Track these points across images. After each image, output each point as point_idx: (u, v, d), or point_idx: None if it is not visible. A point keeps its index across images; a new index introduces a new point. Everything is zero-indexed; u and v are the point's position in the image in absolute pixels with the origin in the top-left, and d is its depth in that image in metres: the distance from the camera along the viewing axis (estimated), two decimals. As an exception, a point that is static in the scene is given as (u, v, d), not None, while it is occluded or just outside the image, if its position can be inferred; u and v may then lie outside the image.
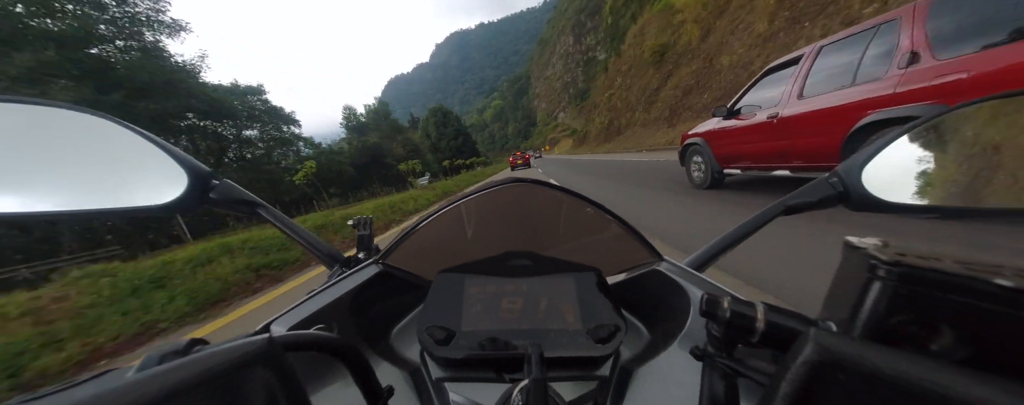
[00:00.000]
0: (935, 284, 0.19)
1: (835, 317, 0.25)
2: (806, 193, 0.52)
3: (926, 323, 0.20)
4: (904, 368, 0.15)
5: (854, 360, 0.16)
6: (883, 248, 0.23)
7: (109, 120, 0.46)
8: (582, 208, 0.53)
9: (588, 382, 0.38)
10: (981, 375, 0.14)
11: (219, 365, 0.17)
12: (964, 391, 0.14)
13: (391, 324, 0.52)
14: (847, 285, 0.24)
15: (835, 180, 0.51)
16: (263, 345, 0.19)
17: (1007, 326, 0.17)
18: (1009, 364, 0.18)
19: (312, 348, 0.24)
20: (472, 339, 0.39)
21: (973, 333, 0.19)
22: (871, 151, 0.49)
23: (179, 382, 0.16)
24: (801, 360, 0.18)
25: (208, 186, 0.51)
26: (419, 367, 0.41)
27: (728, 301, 0.25)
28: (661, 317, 0.49)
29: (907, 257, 0.21)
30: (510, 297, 0.43)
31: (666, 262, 0.52)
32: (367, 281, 0.50)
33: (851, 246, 0.25)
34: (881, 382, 0.15)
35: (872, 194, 0.48)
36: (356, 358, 0.26)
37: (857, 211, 0.50)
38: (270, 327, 0.39)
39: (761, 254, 2.10)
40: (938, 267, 0.19)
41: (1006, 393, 0.13)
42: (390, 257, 0.54)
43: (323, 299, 0.44)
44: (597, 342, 0.38)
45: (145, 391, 0.15)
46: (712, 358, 0.27)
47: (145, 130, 0.48)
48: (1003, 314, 0.17)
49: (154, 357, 0.19)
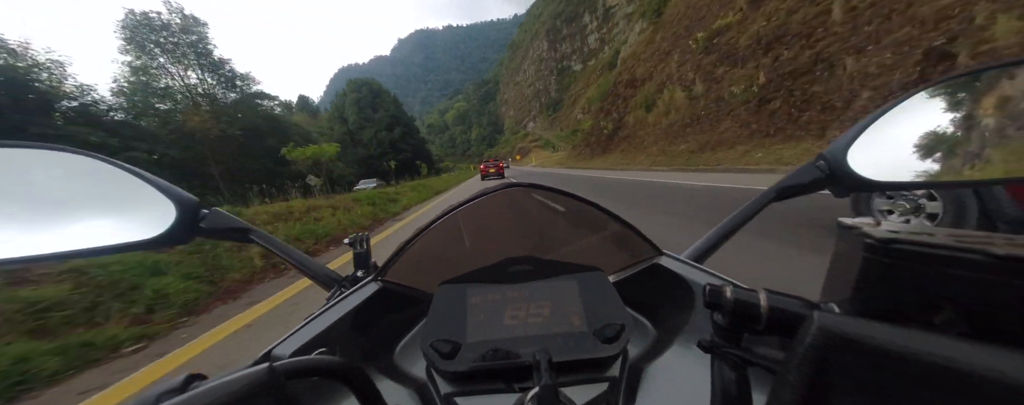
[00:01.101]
0: (931, 259, 0.19)
1: (836, 298, 0.25)
2: (795, 177, 0.54)
3: (926, 299, 0.20)
4: (910, 344, 0.15)
5: (861, 339, 0.16)
6: (876, 227, 0.23)
7: (93, 158, 0.46)
8: (578, 208, 0.53)
9: (599, 384, 0.37)
10: (985, 346, 0.14)
11: (219, 401, 0.17)
12: (969, 361, 0.14)
13: (394, 342, 0.51)
14: (845, 266, 0.24)
15: (822, 163, 0.52)
16: (264, 375, 0.19)
17: (1003, 295, 0.18)
18: (1009, 332, 0.18)
19: (314, 374, 0.24)
20: (478, 350, 0.38)
21: (972, 305, 0.19)
22: (855, 131, 0.50)
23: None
24: (809, 343, 0.17)
25: (198, 216, 0.52)
26: (426, 384, 0.40)
27: (731, 290, 0.25)
28: (666, 312, 0.49)
29: (901, 235, 0.21)
30: (514, 304, 0.42)
31: (666, 256, 0.53)
32: (367, 300, 0.49)
33: (845, 226, 0.25)
34: (889, 359, 0.15)
35: (859, 174, 0.49)
36: (360, 380, 0.26)
37: (847, 190, 0.52)
38: (271, 354, 0.38)
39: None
40: (932, 242, 0.20)
41: (1011, 361, 0.13)
42: (388, 273, 0.53)
43: (323, 322, 0.43)
44: (604, 342, 0.38)
45: None
46: (720, 349, 0.27)
47: (130, 165, 0.48)
48: (999, 283, 0.18)
49: (149, 398, 0.19)
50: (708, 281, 0.33)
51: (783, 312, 0.24)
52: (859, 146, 0.49)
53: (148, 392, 0.19)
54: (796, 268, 2.30)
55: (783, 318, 0.24)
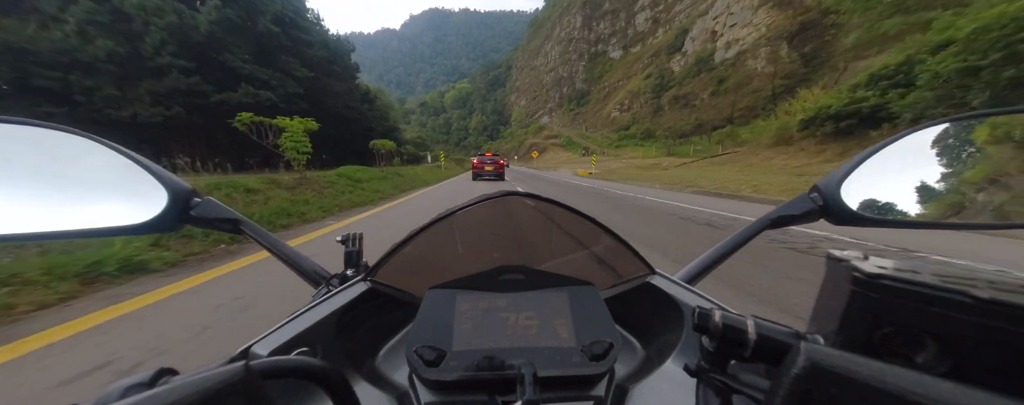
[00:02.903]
0: (915, 296, 0.20)
1: (823, 330, 0.25)
2: (789, 208, 0.55)
3: (910, 335, 0.20)
4: (892, 381, 0.15)
5: (846, 373, 0.16)
6: (864, 261, 0.23)
7: (85, 137, 0.45)
8: (574, 221, 0.53)
9: (583, 402, 0.37)
10: (964, 388, 0.14)
11: (189, 398, 0.16)
12: (949, 403, 0.14)
13: (378, 345, 0.50)
14: (832, 298, 0.24)
15: (816, 195, 0.53)
16: (239, 374, 0.18)
17: (984, 336, 0.18)
18: (988, 374, 0.18)
19: (292, 375, 0.23)
20: (463, 359, 0.37)
21: (954, 344, 0.19)
22: (850, 166, 0.51)
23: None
24: (794, 373, 0.17)
25: (189, 204, 0.51)
26: (407, 391, 0.39)
27: (720, 315, 0.25)
28: (654, 332, 0.49)
29: (888, 270, 0.21)
30: (503, 314, 0.42)
31: (658, 275, 0.53)
32: (354, 300, 0.48)
33: (834, 259, 0.25)
34: (873, 395, 0.15)
35: (851, 208, 0.50)
36: (339, 385, 0.25)
37: (838, 225, 0.52)
38: (249, 352, 0.37)
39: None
40: (917, 280, 0.20)
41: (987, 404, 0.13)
42: (378, 273, 0.52)
43: (307, 320, 0.42)
44: (591, 359, 0.37)
45: None
46: (706, 374, 0.27)
47: (124, 148, 0.48)
48: (979, 325, 0.18)
49: (115, 391, 0.18)
50: (698, 304, 0.34)
51: (770, 340, 0.24)
52: (853, 180, 0.50)
53: (115, 384, 0.18)
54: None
55: (770, 346, 0.24)
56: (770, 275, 2.72)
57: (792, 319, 2.02)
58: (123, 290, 2.46)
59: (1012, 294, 0.18)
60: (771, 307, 2.20)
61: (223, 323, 1.94)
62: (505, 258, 0.49)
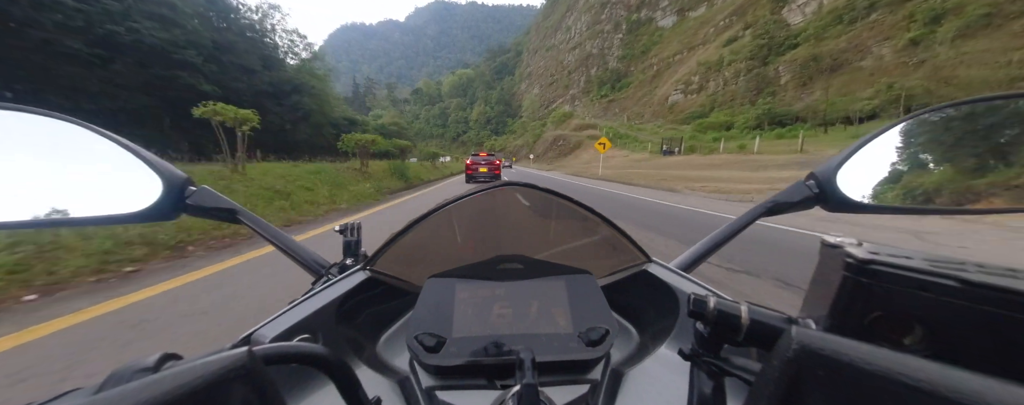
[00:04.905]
0: (906, 282, 0.20)
1: (815, 315, 0.26)
2: (786, 195, 0.55)
3: (899, 319, 0.21)
4: (880, 363, 0.15)
5: (834, 356, 0.16)
6: (858, 247, 0.24)
7: (80, 126, 0.45)
8: (572, 210, 0.54)
9: (580, 386, 0.38)
10: (950, 369, 0.15)
11: (193, 383, 0.16)
12: (934, 383, 0.14)
13: (379, 332, 0.51)
14: (825, 284, 0.25)
15: (812, 182, 0.53)
16: (242, 359, 0.18)
17: (972, 320, 0.18)
18: (973, 355, 0.19)
19: (295, 361, 0.23)
20: (463, 346, 0.38)
21: (942, 328, 0.19)
22: (846, 154, 0.51)
23: (147, 403, 0.15)
24: (784, 357, 0.18)
25: (185, 193, 0.51)
26: (408, 376, 0.40)
27: (714, 301, 0.26)
28: (650, 318, 0.50)
29: (880, 256, 0.22)
30: (501, 302, 0.43)
31: (655, 263, 0.54)
32: (354, 288, 0.49)
33: (828, 245, 0.26)
34: (860, 376, 0.16)
35: (847, 195, 0.50)
36: (341, 370, 0.25)
37: (834, 212, 0.53)
38: (251, 338, 0.37)
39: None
40: (909, 265, 0.20)
41: (973, 384, 0.14)
42: (377, 263, 0.53)
43: (308, 307, 0.43)
44: (588, 345, 0.38)
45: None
46: (700, 358, 0.27)
47: (118, 136, 0.47)
48: (969, 308, 0.18)
49: (121, 374, 0.18)
50: (693, 291, 0.32)
51: (762, 325, 0.24)
52: (849, 167, 0.50)
53: (123, 369, 0.19)
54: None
55: (762, 331, 0.24)
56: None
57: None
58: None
59: (1001, 278, 0.19)
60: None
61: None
62: (503, 248, 0.51)
